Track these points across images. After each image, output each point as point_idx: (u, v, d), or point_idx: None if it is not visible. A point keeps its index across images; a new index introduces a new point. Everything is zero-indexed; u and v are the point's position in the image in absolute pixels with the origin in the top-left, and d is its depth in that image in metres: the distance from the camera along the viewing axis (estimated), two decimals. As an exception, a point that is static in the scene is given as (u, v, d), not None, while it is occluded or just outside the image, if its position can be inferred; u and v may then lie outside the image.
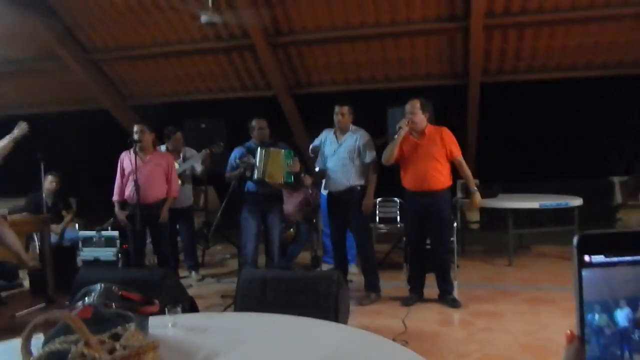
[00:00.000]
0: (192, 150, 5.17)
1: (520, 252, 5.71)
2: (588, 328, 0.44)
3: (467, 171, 3.95)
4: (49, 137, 7.51)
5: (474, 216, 6.82)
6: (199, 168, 5.05)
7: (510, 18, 5.95)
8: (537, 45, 6.31)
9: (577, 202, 5.24)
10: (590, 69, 6.52)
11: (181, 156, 5.08)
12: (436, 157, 3.84)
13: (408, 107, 3.90)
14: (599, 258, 0.42)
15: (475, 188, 3.99)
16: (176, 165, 4.92)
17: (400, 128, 3.81)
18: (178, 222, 4.93)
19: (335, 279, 2.94)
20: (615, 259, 0.41)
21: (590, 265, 0.42)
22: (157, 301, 1.46)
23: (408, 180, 3.95)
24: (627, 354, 0.43)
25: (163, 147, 5.01)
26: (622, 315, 0.43)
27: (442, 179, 3.86)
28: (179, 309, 1.59)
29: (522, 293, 4.20)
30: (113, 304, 1.33)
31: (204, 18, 5.22)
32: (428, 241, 4.07)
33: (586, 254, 0.42)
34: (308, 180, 4.43)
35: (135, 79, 7.63)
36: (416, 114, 3.84)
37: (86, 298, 1.42)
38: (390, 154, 3.90)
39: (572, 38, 6.14)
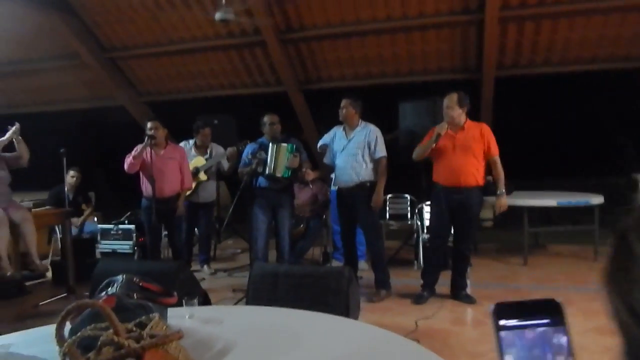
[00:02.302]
0: (219, 147, 5.19)
1: (536, 251, 5.57)
2: None
3: (500, 172, 3.86)
4: (68, 133, 7.73)
5: (487, 214, 6.76)
6: (225, 165, 5.12)
7: (527, 10, 5.83)
8: (555, 38, 6.15)
9: (597, 200, 5.04)
10: (611, 61, 6.33)
11: (208, 152, 5.10)
12: (474, 153, 3.76)
13: (446, 101, 3.83)
14: (513, 322, 0.50)
15: (504, 191, 3.88)
16: (202, 161, 4.98)
17: (439, 135, 3.75)
18: (199, 216, 5.00)
19: (346, 275, 2.98)
20: (525, 323, 0.48)
21: (506, 328, 0.50)
22: (175, 293, 1.53)
23: (441, 175, 3.87)
24: None
25: (191, 142, 5.06)
26: None
27: (477, 175, 3.79)
28: (195, 301, 1.67)
29: (537, 293, 4.10)
30: (134, 294, 1.41)
31: (217, 15, 5.28)
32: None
33: (502, 319, 0.50)
34: (310, 175, 4.43)
35: (149, 76, 7.76)
36: (453, 108, 3.78)
37: (109, 288, 1.50)
38: (422, 153, 3.90)
39: (592, 29, 5.96)
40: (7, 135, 3.95)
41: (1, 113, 8.39)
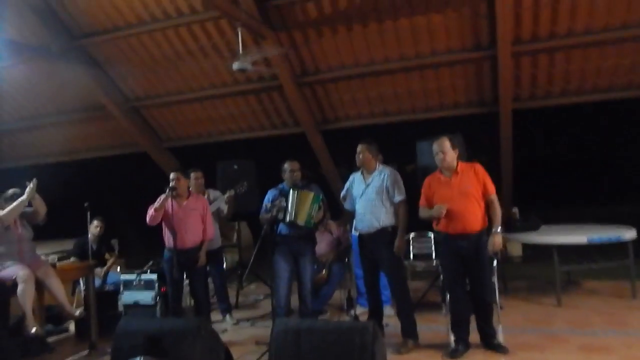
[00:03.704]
0: (216, 192, 5.20)
1: (569, 289, 5.34)
2: None
3: (498, 210, 3.72)
4: (93, 180, 7.97)
5: (516, 251, 6.53)
6: (224, 208, 5.10)
7: (539, 44, 5.85)
8: (570, 69, 6.13)
9: (630, 234, 4.82)
10: (630, 89, 6.25)
11: (205, 198, 5.00)
12: (472, 195, 3.65)
13: (436, 147, 3.75)
14: None
15: (499, 230, 3.71)
16: None
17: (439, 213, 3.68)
18: (208, 265, 4.96)
19: (371, 330, 2.89)
20: None
21: None
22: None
23: (443, 223, 3.73)
24: None
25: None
26: None
27: (480, 218, 3.67)
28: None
29: (574, 339, 3.89)
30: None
31: (235, 65, 5.41)
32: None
33: None
34: (332, 226, 4.36)
35: (171, 123, 7.97)
36: (447, 152, 3.71)
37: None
38: (426, 218, 3.87)
39: (607, 59, 5.94)
40: (27, 192, 4.03)
41: (30, 163, 8.74)
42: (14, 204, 3.99)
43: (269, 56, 6.12)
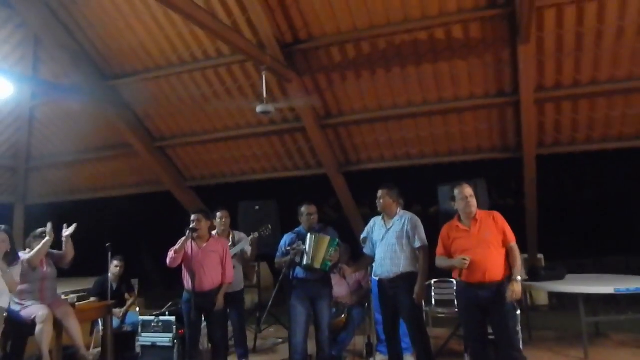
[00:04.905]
0: (240, 233, 5.24)
1: (597, 341, 5.14)
2: None
3: (518, 258, 3.65)
4: (115, 218, 8.09)
5: (542, 299, 6.30)
6: (249, 250, 5.10)
7: (563, 91, 5.85)
8: (595, 116, 6.09)
9: None
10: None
11: (230, 239, 5.08)
12: (493, 244, 3.60)
13: (461, 192, 3.70)
14: None
15: (519, 278, 3.61)
16: None
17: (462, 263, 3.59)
18: (228, 307, 4.90)
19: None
20: None
21: None
22: None
23: (462, 272, 3.65)
24: None
25: (214, 232, 5.01)
26: None
27: (501, 267, 3.59)
28: None
29: None
30: None
31: (259, 108, 5.54)
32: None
33: None
34: (347, 271, 4.29)
35: (195, 162, 8.12)
36: (473, 197, 3.69)
37: None
38: (445, 268, 3.81)
39: (633, 107, 5.88)
40: (65, 235, 4.12)
41: (56, 200, 8.97)
42: (39, 245, 4.07)
43: (296, 105, 6.25)
